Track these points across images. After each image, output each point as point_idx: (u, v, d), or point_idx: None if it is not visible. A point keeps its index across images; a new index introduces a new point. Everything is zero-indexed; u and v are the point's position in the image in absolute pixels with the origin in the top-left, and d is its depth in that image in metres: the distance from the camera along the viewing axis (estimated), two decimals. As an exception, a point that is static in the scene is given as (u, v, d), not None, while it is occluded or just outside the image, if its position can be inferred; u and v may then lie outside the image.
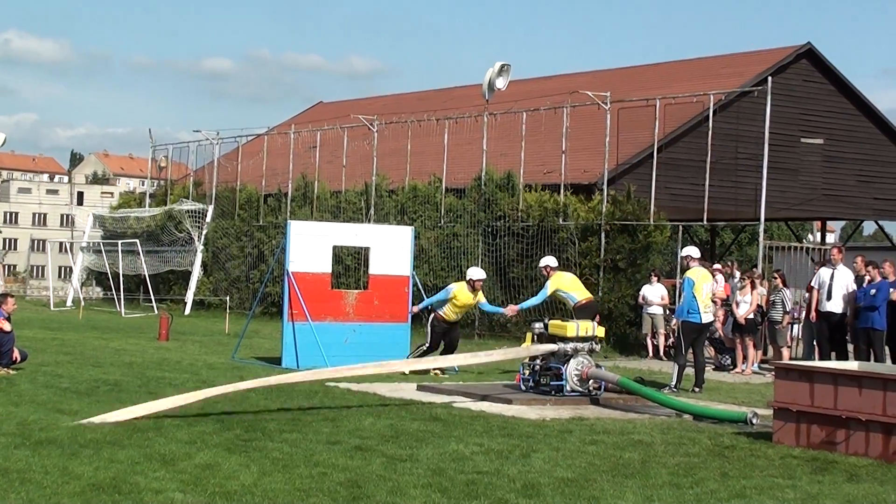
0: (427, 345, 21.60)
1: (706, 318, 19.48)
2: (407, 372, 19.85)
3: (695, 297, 19.12)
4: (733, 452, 12.85)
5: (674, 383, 19.09)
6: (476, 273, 22.00)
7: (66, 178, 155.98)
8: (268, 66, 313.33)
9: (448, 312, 21.58)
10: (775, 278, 25.01)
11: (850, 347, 23.08)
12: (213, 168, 43.67)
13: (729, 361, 24.82)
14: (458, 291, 21.58)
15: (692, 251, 19.95)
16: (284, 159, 40.00)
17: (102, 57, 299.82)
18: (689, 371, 19.63)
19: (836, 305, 22.79)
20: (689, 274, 19.43)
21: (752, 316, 24.05)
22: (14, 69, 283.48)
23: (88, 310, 39.92)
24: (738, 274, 26.44)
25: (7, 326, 18.43)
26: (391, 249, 22.97)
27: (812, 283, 23.40)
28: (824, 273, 23.11)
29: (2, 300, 19.17)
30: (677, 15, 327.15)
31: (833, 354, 22.54)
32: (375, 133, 37.21)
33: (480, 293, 21.94)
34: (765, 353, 25.58)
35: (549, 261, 21.25)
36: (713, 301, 20.42)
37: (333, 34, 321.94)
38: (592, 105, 31.25)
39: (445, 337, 21.76)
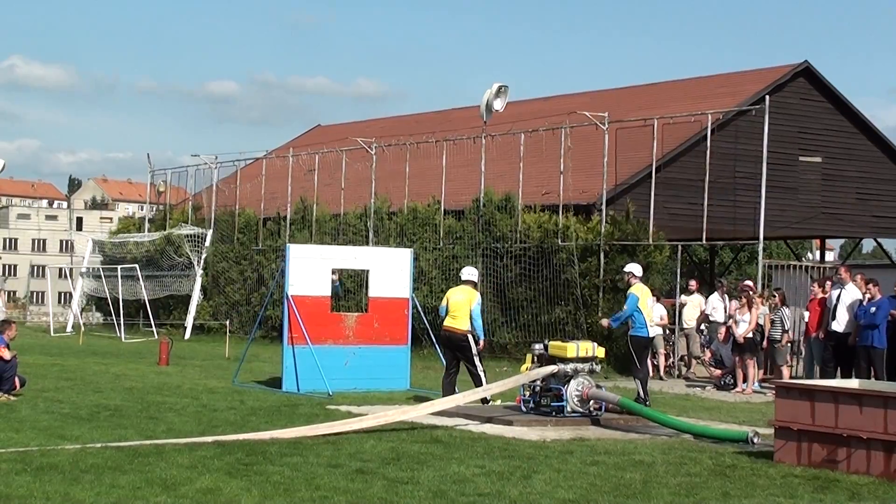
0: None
1: (652, 332, 20.21)
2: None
3: (639, 311, 19.37)
4: (735, 472, 12.85)
5: (643, 397, 19.10)
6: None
7: (65, 204, 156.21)
8: (273, 89, 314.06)
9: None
10: (775, 297, 25.01)
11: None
12: (212, 192, 43.69)
13: (731, 380, 24.81)
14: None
15: (634, 268, 20.18)
16: (283, 183, 40.03)
17: (107, 82, 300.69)
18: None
19: (839, 325, 22.81)
20: (632, 290, 19.62)
21: (751, 335, 24.03)
22: (18, 95, 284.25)
23: (88, 335, 39.89)
24: (722, 298, 26.56)
25: (7, 354, 18.39)
26: (390, 272, 22.97)
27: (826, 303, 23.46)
28: (833, 292, 23.17)
29: (5, 327, 19.17)
30: (674, 35, 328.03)
31: (838, 374, 22.55)
32: (374, 155, 37.26)
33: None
34: (766, 371, 25.55)
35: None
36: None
37: (340, 57, 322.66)
38: (590, 125, 31.29)
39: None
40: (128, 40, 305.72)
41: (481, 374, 19.29)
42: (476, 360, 19.41)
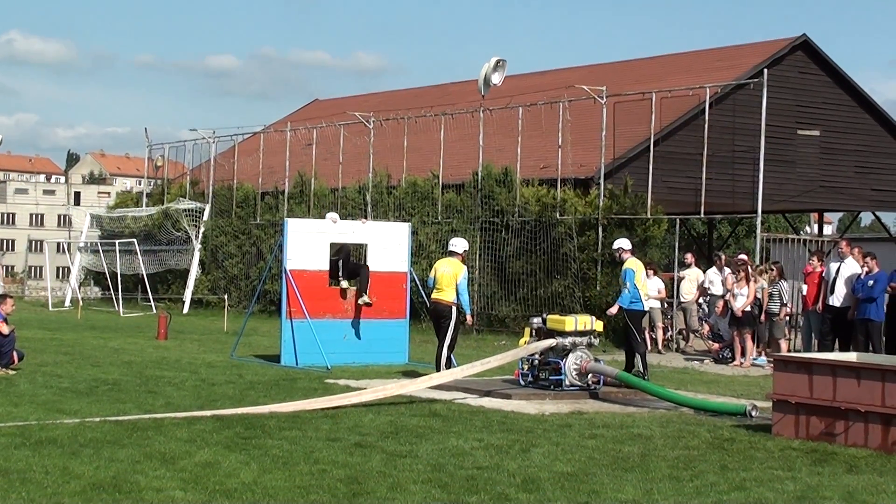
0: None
1: (647, 304, 20.35)
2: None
3: (636, 286, 19.33)
4: (733, 445, 12.87)
5: (642, 371, 19.03)
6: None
7: (62, 179, 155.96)
8: (273, 64, 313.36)
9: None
10: (773, 270, 25.00)
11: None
12: (210, 166, 43.65)
13: (729, 354, 24.83)
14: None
15: (624, 243, 20.15)
16: (281, 157, 39.98)
17: (107, 57, 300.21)
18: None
19: (837, 299, 22.81)
20: (627, 265, 19.55)
21: (749, 309, 24.03)
22: (16, 70, 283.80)
23: (87, 310, 39.90)
24: (720, 272, 26.51)
25: (5, 329, 18.39)
26: (389, 246, 22.95)
27: (824, 275, 23.47)
28: (832, 266, 23.19)
29: (1, 301, 19.14)
30: (672, 8, 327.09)
31: (837, 347, 22.57)
32: (372, 130, 37.21)
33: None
34: (768, 345, 25.56)
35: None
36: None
37: (339, 31, 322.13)
38: (588, 99, 31.25)
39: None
40: (127, 14, 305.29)
41: (444, 352, 18.98)
42: (450, 334, 19.06)
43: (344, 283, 22.41)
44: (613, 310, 20.02)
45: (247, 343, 25.07)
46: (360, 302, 22.26)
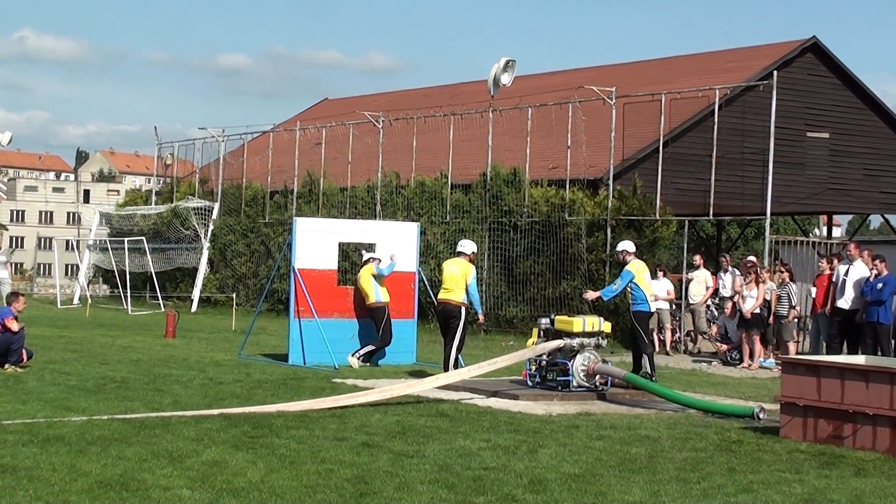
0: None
1: (654, 306, 20.17)
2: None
3: (639, 287, 19.22)
4: (740, 447, 12.85)
5: (649, 372, 18.96)
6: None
7: (72, 176, 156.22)
8: (284, 62, 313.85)
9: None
10: (782, 272, 24.96)
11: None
12: (219, 165, 43.70)
13: (737, 356, 24.80)
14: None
15: (628, 246, 20.01)
16: (290, 156, 40.02)
17: (118, 55, 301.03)
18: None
19: (846, 301, 22.76)
20: (629, 267, 19.39)
21: (757, 310, 24.00)
22: (28, 67, 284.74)
23: (95, 307, 39.94)
24: (730, 269, 26.47)
25: (15, 326, 18.41)
26: (397, 246, 22.93)
27: (833, 279, 23.43)
28: (841, 268, 23.15)
29: (13, 299, 19.19)
30: (682, 9, 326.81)
31: (844, 349, 22.52)
32: (381, 129, 37.22)
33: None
34: (776, 347, 25.51)
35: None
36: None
37: (351, 30, 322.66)
38: (598, 100, 31.23)
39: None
40: (139, 13, 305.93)
41: (453, 353, 18.98)
42: (459, 335, 19.04)
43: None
44: (592, 295, 20.06)
45: (255, 342, 25.07)
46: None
